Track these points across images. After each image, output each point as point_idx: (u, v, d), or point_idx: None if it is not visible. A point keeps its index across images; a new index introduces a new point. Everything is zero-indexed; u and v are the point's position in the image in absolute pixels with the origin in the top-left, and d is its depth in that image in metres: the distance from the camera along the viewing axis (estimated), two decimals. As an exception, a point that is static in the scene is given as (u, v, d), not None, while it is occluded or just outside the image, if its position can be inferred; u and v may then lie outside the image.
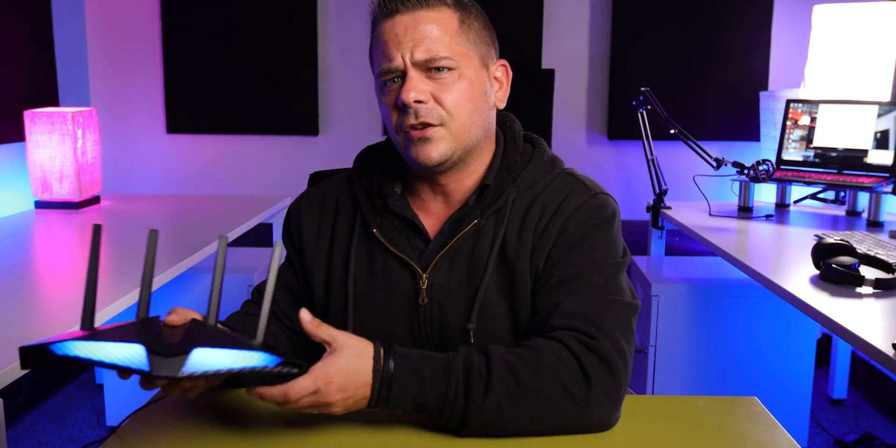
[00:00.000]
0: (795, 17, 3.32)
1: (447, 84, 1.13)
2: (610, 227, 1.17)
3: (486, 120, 1.19)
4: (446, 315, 1.16)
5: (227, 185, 3.50)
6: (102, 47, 3.39)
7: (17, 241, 2.25)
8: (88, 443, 2.70)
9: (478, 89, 1.16)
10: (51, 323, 1.45)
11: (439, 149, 1.13)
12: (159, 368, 0.85)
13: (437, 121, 1.12)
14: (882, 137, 2.68)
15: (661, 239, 2.89)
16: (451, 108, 1.13)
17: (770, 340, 2.60)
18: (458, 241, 1.16)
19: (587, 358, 1.01)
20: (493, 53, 1.21)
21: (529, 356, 1.01)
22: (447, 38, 1.13)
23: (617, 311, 1.09)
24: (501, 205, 1.17)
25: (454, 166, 1.17)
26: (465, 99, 1.14)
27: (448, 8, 1.15)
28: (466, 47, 1.15)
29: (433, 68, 1.12)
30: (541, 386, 0.99)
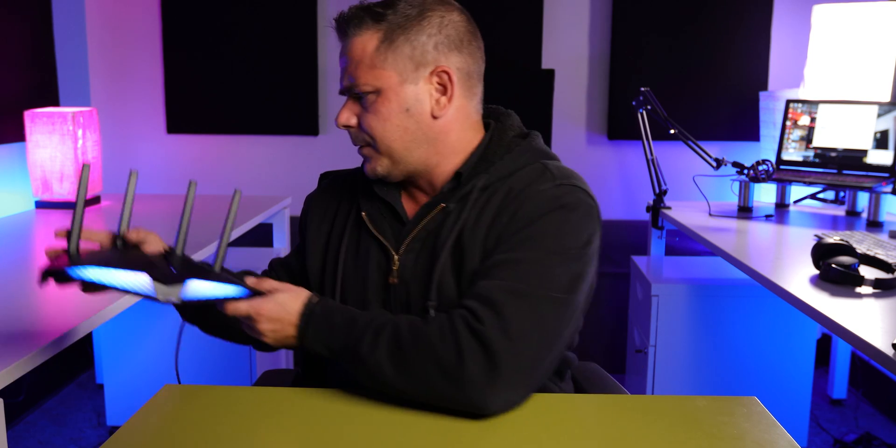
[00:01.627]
0: (795, 17, 3.32)
1: (368, 108, 1.19)
2: (566, 217, 1.16)
3: (416, 133, 1.21)
4: (411, 294, 1.22)
5: (227, 185, 3.50)
6: (102, 47, 3.39)
7: (17, 241, 2.25)
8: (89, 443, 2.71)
9: (396, 107, 1.19)
10: (51, 323, 1.45)
11: (380, 166, 1.23)
12: (163, 294, 1.03)
13: (364, 143, 1.22)
14: (882, 137, 2.68)
15: (660, 239, 2.89)
16: (371, 132, 1.20)
17: (770, 340, 2.60)
18: (427, 223, 1.23)
19: (466, 340, 1.05)
20: (429, 60, 1.20)
21: (420, 328, 1.08)
22: (364, 64, 1.18)
23: (530, 300, 1.08)
24: (469, 190, 1.22)
25: (412, 174, 1.25)
26: (383, 120, 1.19)
27: (367, 31, 1.18)
28: (383, 68, 1.18)
29: (354, 94, 1.20)
30: (416, 356, 1.06)
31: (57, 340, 1.33)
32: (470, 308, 1.08)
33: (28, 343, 1.30)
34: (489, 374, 1.03)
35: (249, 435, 1.05)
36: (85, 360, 3.31)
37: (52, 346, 1.32)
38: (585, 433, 1.09)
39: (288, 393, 1.21)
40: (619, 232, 3.45)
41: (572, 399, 1.25)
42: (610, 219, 3.48)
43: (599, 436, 1.07)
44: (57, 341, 1.33)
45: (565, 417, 1.13)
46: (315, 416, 1.11)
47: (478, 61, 1.28)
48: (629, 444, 1.03)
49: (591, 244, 1.18)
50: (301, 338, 1.13)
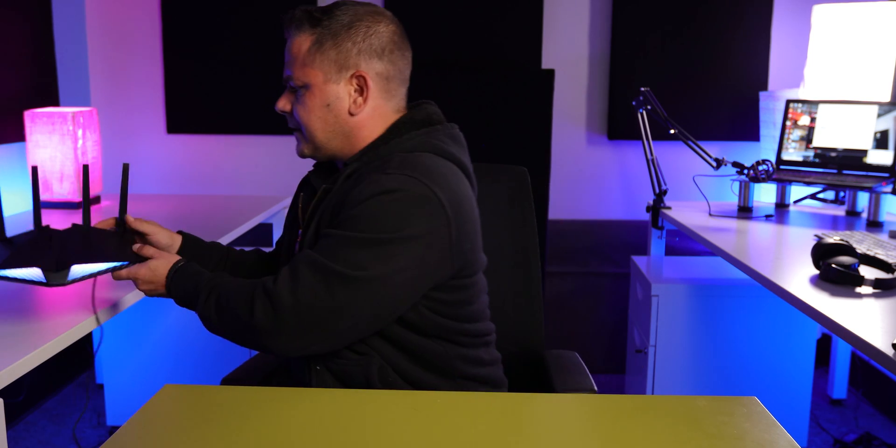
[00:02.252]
0: (795, 17, 3.32)
1: (298, 99, 1.41)
2: (385, 203, 1.25)
3: (335, 125, 1.40)
4: None
5: (227, 185, 3.50)
6: (102, 47, 3.39)
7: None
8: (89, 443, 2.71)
9: (319, 102, 1.39)
10: (51, 323, 1.45)
11: (305, 148, 1.45)
12: (52, 279, 1.32)
13: (295, 127, 1.45)
14: (882, 137, 2.68)
15: (660, 239, 2.89)
16: (299, 120, 1.42)
17: (770, 340, 2.60)
18: (314, 203, 1.40)
19: (260, 297, 1.26)
20: (350, 64, 1.37)
21: (233, 288, 1.31)
22: (298, 61, 1.38)
23: (324, 272, 1.24)
24: (339, 176, 1.38)
25: (332, 156, 1.44)
26: (307, 111, 1.40)
27: (304, 33, 1.38)
28: (312, 66, 1.37)
29: (290, 85, 1.41)
30: (227, 310, 1.29)
31: (57, 340, 1.33)
32: (280, 272, 1.28)
33: (28, 343, 1.30)
34: (272, 323, 1.24)
35: (249, 435, 1.05)
36: (85, 360, 3.31)
37: (52, 346, 1.32)
38: (586, 433, 1.09)
39: (288, 393, 1.21)
40: (619, 232, 3.45)
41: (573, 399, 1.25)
42: (610, 219, 3.48)
43: (600, 436, 1.08)
44: (57, 341, 1.33)
45: (565, 417, 1.13)
46: (315, 416, 1.11)
47: (400, 68, 1.43)
48: (629, 444, 1.03)
49: (411, 232, 1.25)
50: (169, 292, 1.39)
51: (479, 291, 1.42)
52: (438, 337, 1.36)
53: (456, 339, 1.38)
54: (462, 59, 3.32)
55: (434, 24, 3.32)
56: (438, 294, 1.33)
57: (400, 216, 1.25)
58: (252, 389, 1.24)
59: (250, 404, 1.15)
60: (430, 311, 1.33)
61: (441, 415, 1.12)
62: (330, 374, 1.34)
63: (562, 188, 3.43)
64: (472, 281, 1.38)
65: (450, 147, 1.39)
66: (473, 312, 1.40)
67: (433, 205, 1.26)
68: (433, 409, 1.14)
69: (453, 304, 1.35)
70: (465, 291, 1.37)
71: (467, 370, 1.40)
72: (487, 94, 3.15)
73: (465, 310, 1.38)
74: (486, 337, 1.46)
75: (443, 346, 1.36)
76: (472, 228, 1.35)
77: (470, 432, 1.06)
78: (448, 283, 1.33)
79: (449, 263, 1.30)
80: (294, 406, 1.15)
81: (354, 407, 1.14)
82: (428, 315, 1.33)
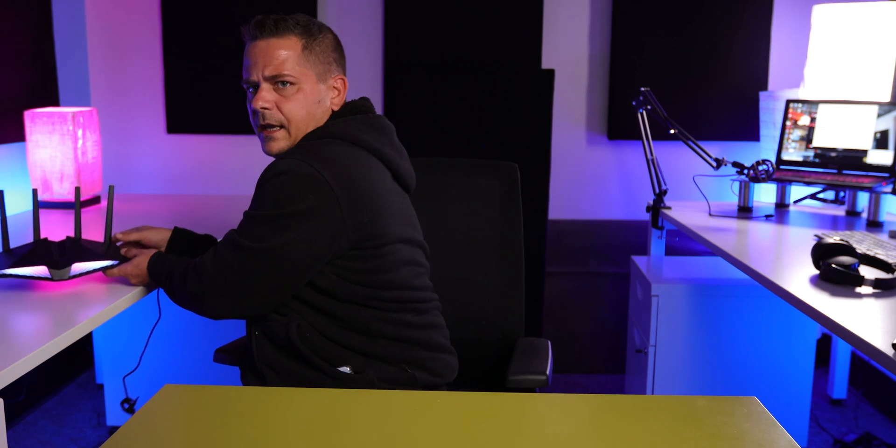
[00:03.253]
0: (795, 17, 3.32)
1: (287, 96, 1.54)
2: (280, 185, 1.45)
3: (318, 121, 1.58)
4: None
5: (227, 185, 3.50)
6: (102, 47, 3.39)
7: (17, 241, 2.25)
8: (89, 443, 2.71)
9: (312, 99, 1.55)
10: (51, 323, 1.45)
11: (279, 145, 1.56)
12: (56, 275, 1.57)
13: (277, 123, 1.55)
14: (882, 137, 2.68)
15: (660, 239, 2.89)
16: (287, 115, 1.54)
17: (770, 340, 2.60)
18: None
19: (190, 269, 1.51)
20: (333, 69, 1.59)
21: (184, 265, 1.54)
22: (290, 60, 1.53)
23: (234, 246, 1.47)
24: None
25: None
26: (299, 107, 1.54)
27: (295, 36, 1.55)
28: (306, 67, 1.54)
29: (278, 82, 1.53)
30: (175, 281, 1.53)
31: (57, 340, 1.33)
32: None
33: (28, 343, 1.30)
34: (199, 290, 1.48)
35: (249, 435, 1.05)
36: (85, 360, 3.31)
37: (52, 346, 1.32)
38: (586, 433, 1.09)
39: (287, 393, 1.21)
40: (619, 232, 3.45)
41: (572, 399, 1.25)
42: (610, 219, 3.48)
43: (600, 436, 1.08)
44: (57, 341, 1.33)
45: (565, 417, 1.14)
46: (315, 416, 1.11)
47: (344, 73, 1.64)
48: (629, 444, 1.03)
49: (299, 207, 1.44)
50: (151, 279, 1.61)
51: (397, 262, 1.56)
52: (351, 301, 1.52)
53: (370, 303, 1.53)
54: (462, 59, 3.32)
55: (434, 25, 3.32)
56: (344, 262, 1.50)
57: (290, 194, 1.44)
58: (252, 389, 1.25)
59: (250, 404, 1.15)
60: (339, 277, 1.50)
61: (441, 415, 1.12)
62: (264, 337, 1.55)
63: (562, 188, 3.43)
64: (383, 251, 1.52)
65: (362, 133, 1.56)
66: (391, 280, 1.55)
67: (319, 183, 1.43)
68: (433, 409, 1.14)
69: (363, 271, 1.51)
70: (376, 261, 1.52)
71: (388, 331, 1.55)
72: (487, 94, 3.15)
73: (378, 277, 1.53)
74: (418, 304, 1.61)
75: (356, 309, 1.53)
76: (374, 205, 1.50)
77: (470, 432, 1.07)
78: (351, 254, 1.49)
79: (344, 236, 1.47)
80: (294, 406, 1.15)
81: (354, 407, 1.15)
82: (336, 281, 1.50)
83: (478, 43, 3.33)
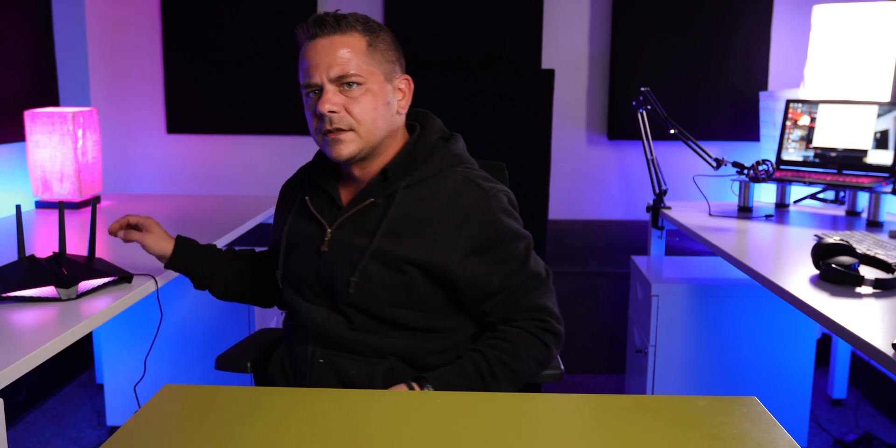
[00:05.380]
0: (795, 17, 3.32)
1: (355, 97, 1.41)
2: (514, 219, 1.48)
3: (389, 123, 1.46)
4: (337, 264, 1.46)
5: (227, 185, 3.50)
6: (102, 47, 3.39)
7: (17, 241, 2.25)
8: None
9: (381, 100, 1.44)
10: (51, 323, 1.45)
11: (349, 148, 1.43)
12: (64, 295, 1.55)
13: (347, 127, 1.42)
14: (882, 137, 2.68)
15: (660, 239, 2.89)
16: (358, 117, 1.42)
17: (770, 340, 2.60)
18: (358, 210, 1.47)
19: (540, 333, 1.44)
20: (397, 69, 1.49)
21: (510, 348, 1.42)
22: (356, 59, 1.41)
23: (539, 286, 1.48)
24: (394, 190, 1.45)
25: (363, 159, 1.46)
26: (369, 109, 1.42)
27: (358, 33, 1.42)
28: (372, 66, 1.43)
29: (345, 83, 1.41)
30: (520, 361, 1.42)
31: (57, 340, 1.33)
32: (534, 318, 1.45)
33: (28, 343, 1.30)
34: (559, 338, 1.48)
35: (249, 435, 1.05)
36: (85, 360, 3.31)
37: (52, 346, 1.32)
38: (586, 433, 1.09)
39: (287, 393, 1.21)
40: (619, 232, 3.45)
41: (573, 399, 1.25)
42: (610, 219, 3.48)
43: (600, 436, 1.08)
44: (57, 341, 1.34)
45: (565, 417, 1.14)
46: (315, 416, 1.11)
47: None
48: (629, 444, 1.03)
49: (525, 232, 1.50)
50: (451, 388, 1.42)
51: None
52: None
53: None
54: (462, 59, 3.32)
55: (434, 25, 3.32)
56: None
57: (520, 224, 1.49)
58: (252, 389, 1.25)
59: (250, 404, 1.15)
60: None
61: (441, 415, 1.12)
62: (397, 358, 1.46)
63: (562, 188, 3.43)
64: None
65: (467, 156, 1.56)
66: None
67: (516, 207, 1.52)
68: (433, 409, 1.14)
69: None
70: None
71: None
72: (487, 94, 3.15)
73: None
74: None
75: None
76: None
77: (470, 432, 1.07)
78: None
79: None
80: (294, 406, 1.15)
81: (354, 407, 1.15)
82: None
83: (478, 43, 3.32)
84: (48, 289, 1.55)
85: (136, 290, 1.65)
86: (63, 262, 1.61)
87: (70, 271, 1.58)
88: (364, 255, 1.42)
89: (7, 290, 1.53)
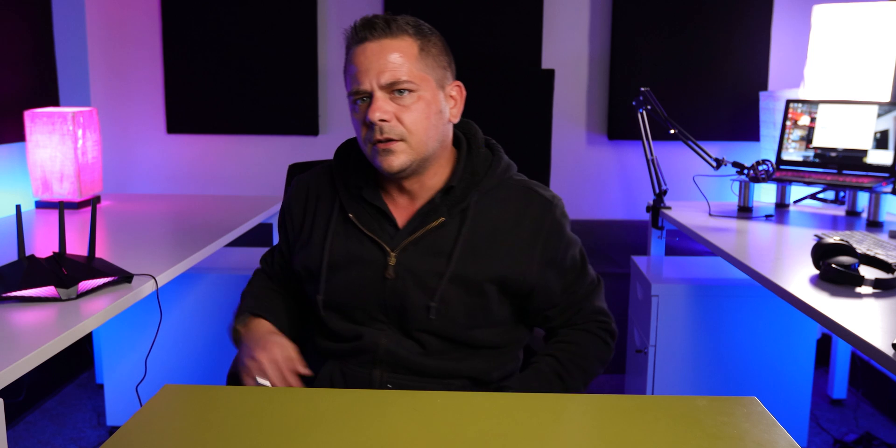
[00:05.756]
0: (795, 17, 3.32)
1: (407, 105, 1.33)
2: (566, 222, 1.47)
3: (442, 133, 1.39)
4: (409, 290, 1.37)
5: (227, 185, 3.50)
6: (102, 47, 3.39)
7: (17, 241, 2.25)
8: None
9: (434, 108, 1.36)
10: (51, 323, 1.45)
11: (400, 159, 1.34)
12: (64, 295, 1.54)
13: (398, 136, 1.33)
14: (882, 137, 2.68)
15: (660, 239, 2.89)
16: (410, 126, 1.33)
17: (770, 340, 2.60)
18: (426, 231, 1.38)
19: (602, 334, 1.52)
20: (448, 75, 1.40)
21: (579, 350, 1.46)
22: (408, 64, 1.32)
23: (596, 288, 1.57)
24: (466, 206, 1.39)
25: (414, 172, 1.38)
26: (422, 118, 1.34)
27: (410, 37, 1.35)
28: (425, 72, 1.35)
29: (396, 90, 1.32)
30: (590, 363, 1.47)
31: (57, 340, 1.33)
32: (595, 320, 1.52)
33: (28, 343, 1.30)
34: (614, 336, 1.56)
35: (249, 435, 1.05)
36: (85, 360, 3.31)
37: (52, 346, 1.32)
38: (586, 433, 1.09)
39: (287, 393, 1.21)
40: (619, 232, 3.45)
41: (572, 399, 1.25)
42: (610, 219, 3.48)
43: (600, 436, 1.08)
44: (57, 341, 1.33)
45: (566, 417, 1.13)
46: (315, 416, 1.11)
47: None
48: (629, 444, 1.03)
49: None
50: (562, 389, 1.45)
51: None
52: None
53: None
54: (462, 59, 3.31)
55: (434, 25, 3.30)
56: None
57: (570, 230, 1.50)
58: (252, 389, 1.25)
59: (250, 404, 1.15)
60: None
61: (441, 415, 1.12)
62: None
63: (562, 188, 3.43)
64: None
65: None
66: None
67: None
68: (433, 409, 1.14)
69: None
70: None
71: None
72: (487, 93, 3.15)
73: None
74: None
75: None
76: None
77: (470, 432, 1.07)
78: None
79: None
80: (294, 406, 1.15)
81: (354, 407, 1.15)
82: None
83: (478, 43, 3.33)
84: (48, 289, 1.55)
85: (136, 290, 1.65)
86: (63, 262, 1.61)
87: (70, 271, 1.58)
88: (443, 279, 1.36)
89: (7, 290, 1.53)
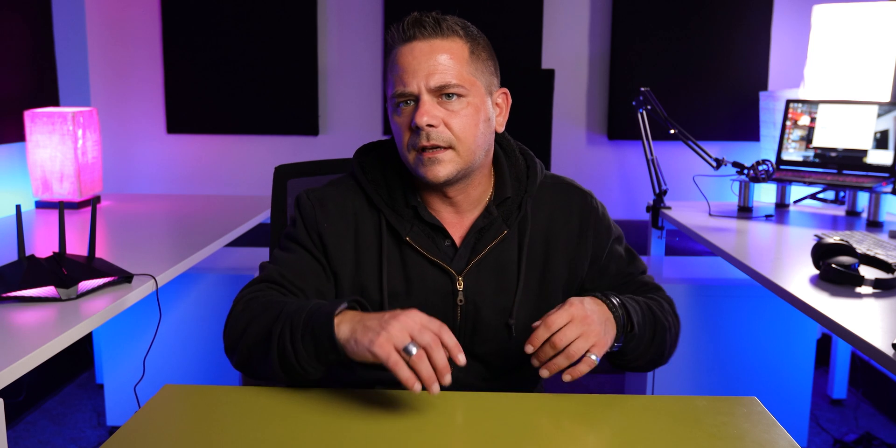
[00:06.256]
0: (795, 17, 3.33)
1: (456, 111, 1.24)
2: (607, 212, 1.46)
3: (488, 142, 1.31)
4: (481, 312, 1.31)
5: (227, 185, 3.51)
6: (102, 47, 3.39)
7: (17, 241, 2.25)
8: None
9: (483, 115, 1.27)
10: (51, 323, 1.45)
11: (447, 168, 1.25)
12: (64, 295, 1.55)
13: (446, 143, 1.24)
14: (882, 137, 2.68)
15: (661, 239, 2.89)
16: (459, 133, 1.24)
17: (770, 340, 2.60)
18: (489, 248, 1.30)
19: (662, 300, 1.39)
20: (496, 81, 1.32)
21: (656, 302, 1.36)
22: (458, 67, 1.24)
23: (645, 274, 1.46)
24: (524, 215, 1.33)
25: (459, 181, 1.29)
26: (471, 125, 1.25)
27: (460, 38, 1.26)
28: (475, 76, 1.26)
29: (444, 94, 1.23)
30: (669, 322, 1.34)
31: (57, 340, 1.33)
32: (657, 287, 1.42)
33: (28, 343, 1.30)
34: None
35: (249, 435, 1.05)
36: (85, 360, 3.31)
37: (52, 346, 1.32)
38: (586, 433, 1.09)
39: (288, 393, 1.21)
40: (619, 232, 3.44)
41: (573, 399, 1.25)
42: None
43: (600, 436, 1.08)
44: (57, 341, 1.34)
45: (565, 417, 1.13)
46: (315, 416, 1.11)
47: None
48: (629, 444, 1.03)
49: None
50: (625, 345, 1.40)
51: None
52: None
53: None
54: (462, 59, 3.32)
55: (434, 24, 3.32)
56: None
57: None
58: (252, 389, 1.24)
59: (250, 404, 1.15)
60: None
61: (441, 415, 1.12)
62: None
63: (562, 188, 3.43)
64: None
65: None
66: None
67: None
68: (433, 409, 1.14)
69: None
70: None
71: None
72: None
73: None
74: None
75: None
76: None
77: (470, 432, 1.07)
78: None
79: None
80: (294, 406, 1.15)
81: (354, 407, 1.15)
82: None
83: (478, 43, 3.32)
84: (48, 289, 1.56)
85: (136, 290, 1.65)
86: (63, 262, 1.61)
87: (70, 271, 1.58)
88: (516, 295, 1.31)
89: (7, 290, 1.53)
